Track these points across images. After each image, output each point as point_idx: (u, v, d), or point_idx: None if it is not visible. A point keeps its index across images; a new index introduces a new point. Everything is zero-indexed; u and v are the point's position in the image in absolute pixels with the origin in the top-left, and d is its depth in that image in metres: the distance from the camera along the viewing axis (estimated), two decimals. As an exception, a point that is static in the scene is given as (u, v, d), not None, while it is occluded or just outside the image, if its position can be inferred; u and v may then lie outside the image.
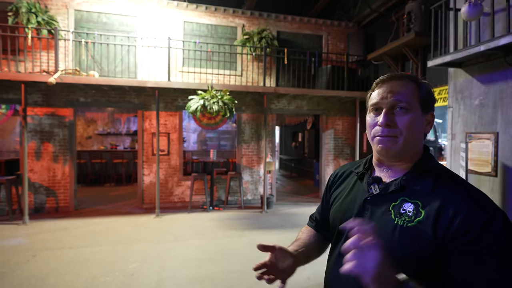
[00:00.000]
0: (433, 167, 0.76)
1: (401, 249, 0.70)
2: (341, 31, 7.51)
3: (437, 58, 3.59)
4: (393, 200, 0.75)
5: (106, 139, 9.86)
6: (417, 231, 0.69)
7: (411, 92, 0.76)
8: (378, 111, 0.79)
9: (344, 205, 0.86)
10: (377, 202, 0.78)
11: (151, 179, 6.45)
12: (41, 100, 5.93)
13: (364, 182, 0.83)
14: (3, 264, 3.54)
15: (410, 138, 0.75)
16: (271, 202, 6.52)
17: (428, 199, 0.71)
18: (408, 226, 0.70)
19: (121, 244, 4.27)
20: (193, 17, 6.68)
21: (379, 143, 0.77)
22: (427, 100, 0.78)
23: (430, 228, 0.68)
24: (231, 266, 3.61)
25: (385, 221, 0.74)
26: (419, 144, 0.79)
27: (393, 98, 0.76)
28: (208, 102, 5.31)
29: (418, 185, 0.74)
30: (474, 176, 3.46)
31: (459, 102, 3.82)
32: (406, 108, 0.75)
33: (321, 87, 6.82)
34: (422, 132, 0.78)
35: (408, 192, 0.74)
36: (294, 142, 12.29)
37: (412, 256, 0.69)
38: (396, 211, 0.73)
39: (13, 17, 5.47)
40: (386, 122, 0.75)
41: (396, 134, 0.75)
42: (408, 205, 0.73)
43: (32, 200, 5.87)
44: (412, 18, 5.02)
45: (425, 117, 0.78)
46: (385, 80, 0.79)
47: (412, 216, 0.71)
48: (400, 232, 0.71)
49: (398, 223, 0.72)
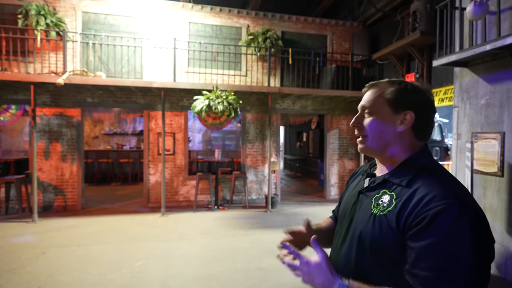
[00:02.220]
0: (418, 164, 0.80)
1: (373, 236, 0.78)
2: (346, 31, 7.49)
3: (443, 57, 3.57)
4: (377, 192, 0.84)
5: (113, 139, 9.99)
6: (385, 220, 0.76)
7: (376, 97, 0.85)
8: None
9: (348, 197, 0.97)
10: (366, 194, 0.88)
11: (156, 179, 6.52)
12: (49, 100, 6.04)
13: (363, 178, 0.94)
14: (13, 261, 3.63)
15: (375, 137, 0.84)
16: (275, 201, 6.54)
17: (402, 192, 0.77)
18: (380, 215, 0.78)
19: (128, 242, 4.33)
20: (198, 17, 6.73)
21: (358, 143, 0.90)
22: (398, 101, 0.82)
23: (394, 217, 0.74)
24: (236, 265, 3.64)
25: (365, 211, 0.83)
26: (397, 142, 0.83)
27: (361, 104, 0.89)
28: (213, 102, 5.35)
29: (398, 179, 0.80)
30: (480, 176, 3.44)
31: (465, 101, 3.80)
32: (370, 112, 0.86)
33: (325, 87, 6.82)
34: (394, 131, 0.83)
35: (389, 186, 0.82)
36: (298, 142, 12.28)
37: (382, 243, 0.76)
38: (375, 202, 0.82)
39: (23, 20, 5.59)
40: (352, 123, 0.89)
41: (364, 134, 0.86)
42: (386, 197, 0.80)
43: (41, 199, 5.99)
44: (418, 18, 5.00)
45: (397, 116, 0.82)
46: (365, 88, 0.91)
47: (385, 207, 0.78)
48: (373, 220, 0.79)
49: (373, 212, 0.80)
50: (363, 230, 0.81)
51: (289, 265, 0.85)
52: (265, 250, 4.04)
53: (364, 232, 0.80)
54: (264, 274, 3.41)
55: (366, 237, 0.79)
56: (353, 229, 0.86)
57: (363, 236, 0.80)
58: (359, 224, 0.83)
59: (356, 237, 0.83)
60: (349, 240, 0.86)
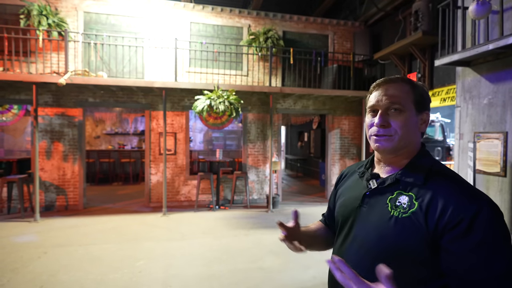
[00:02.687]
0: (427, 162, 0.82)
1: (397, 239, 0.75)
2: (347, 31, 7.47)
3: (445, 57, 3.56)
4: (390, 193, 0.81)
5: (114, 138, 10.01)
6: (411, 221, 0.74)
7: (405, 94, 0.82)
8: (374, 112, 0.85)
9: (347, 200, 0.92)
10: (375, 196, 0.84)
11: (158, 178, 6.53)
12: (51, 100, 6.06)
13: (364, 179, 0.90)
14: (16, 260, 3.64)
15: (404, 137, 0.81)
16: (277, 201, 6.53)
17: (421, 191, 0.76)
18: (403, 217, 0.75)
19: (129, 242, 4.34)
20: (200, 17, 6.73)
21: (376, 142, 0.83)
22: (421, 100, 0.83)
23: (422, 219, 0.73)
24: (237, 264, 3.64)
25: (382, 213, 0.80)
26: (415, 142, 0.84)
27: (388, 101, 0.82)
28: (215, 102, 5.35)
29: (412, 178, 0.79)
30: (483, 176, 3.42)
31: (467, 101, 3.78)
32: (400, 109, 0.81)
33: (327, 86, 6.81)
34: (417, 130, 0.84)
35: (403, 186, 0.80)
36: (300, 142, 12.27)
37: (407, 245, 0.74)
38: (392, 203, 0.79)
39: (25, 20, 5.60)
40: (381, 123, 0.82)
41: (390, 133, 0.81)
42: (403, 197, 0.78)
43: (43, 198, 6.00)
44: (420, 17, 4.98)
45: (420, 116, 0.84)
46: (381, 84, 0.85)
47: (406, 208, 0.76)
48: (395, 222, 0.76)
49: (394, 214, 0.77)
50: (383, 234, 0.77)
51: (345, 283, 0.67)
52: (267, 250, 4.04)
53: (384, 235, 0.77)
54: (266, 274, 3.40)
55: (388, 241, 0.76)
56: (364, 234, 0.82)
57: (384, 240, 0.77)
58: (375, 227, 0.79)
59: (374, 241, 0.79)
60: (360, 245, 0.82)
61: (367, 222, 0.83)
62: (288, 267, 3.57)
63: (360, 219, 0.85)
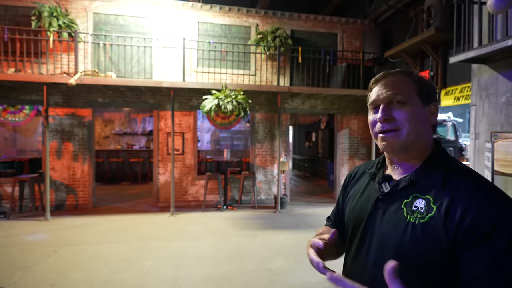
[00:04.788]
0: (444, 161, 0.74)
1: (414, 246, 0.69)
2: (357, 29, 7.36)
3: (460, 54, 3.45)
4: (404, 197, 0.74)
5: (123, 138, 10.10)
6: (428, 227, 0.68)
7: (407, 85, 0.76)
8: (377, 108, 0.79)
9: (358, 205, 0.85)
10: (388, 200, 0.77)
11: (166, 178, 6.54)
12: (61, 101, 6.13)
13: (376, 182, 0.82)
14: (27, 258, 3.68)
15: (412, 130, 0.74)
16: (285, 202, 6.47)
17: (439, 195, 0.70)
18: (420, 223, 0.69)
19: (138, 242, 4.35)
20: (207, 17, 6.72)
21: (383, 141, 0.77)
22: (426, 91, 0.77)
23: (441, 224, 0.66)
24: (246, 265, 3.60)
25: (397, 219, 0.73)
26: (426, 137, 0.77)
27: (389, 93, 0.76)
28: (222, 101, 5.32)
29: (429, 180, 0.72)
30: (500, 178, 3.30)
31: (483, 99, 3.66)
32: (403, 102, 0.75)
33: (336, 85, 6.71)
34: (426, 123, 0.77)
35: (419, 188, 0.73)
36: (307, 142, 12.17)
37: (425, 252, 0.68)
38: (408, 208, 0.72)
39: (36, 21, 5.69)
40: (384, 117, 0.75)
41: (396, 127, 0.74)
42: (420, 201, 0.71)
43: (53, 198, 6.08)
44: (432, 13, 4.85)
45: (427, 108, 0.77)
46: (380, 78, 0.79)
47: (424, 213, 0.70)
48: (412, 229, 0.70)
49: (410, 220, 0.71)
50: (399, 242, 0.70)
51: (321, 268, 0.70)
52: (275, 251, 3.99)
53: (401, 243, 0.70)
54: (275, 275, 3.35)
55: (405, 249, 0.69)
56: (379, 242, 0.75)
57: (401, 248, 0.70)
58: (391, 235, 0.73)
59: (391, 250, 0.72)
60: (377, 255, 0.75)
61: (381, 229, 0.76)
62: (297, 268, 3.51)
63: (374, 227, 0.78)
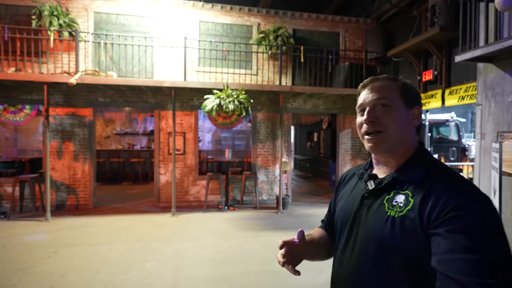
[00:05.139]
0: (425, 160, 0.80)
1: (393, 238, 0.74)
2: (359, 28, 7.30)
3: (466, 52, 3.39)
4: (387, 193, 0.80)
5: (124, 138, 10.07)
6: (406, 219, 0.73)
7: (391, 89, 0.82)
8: (364, 111, 0.84)
9: (346, 203, 0.91)
10: (373, 197, 0.82)
11: (167, 178, 6.50)
12: (62, 100, 6.10)
13: (363, 181, 0.88)
14: (26, 260, 3.64)
15: (396, 132, 0.80)
16: (286, 202, 6.42)
17: (417, 189, 0.75)
18: (399, 216, 0.74)
19: (138, 242, 4.30)
20: (209, 16, 6.68)
21: (369, 142, 0.83)
22: (409, 95, 0.83)
23: (417, 215, 0.71)
24: (248, 267, 3.55)
25: (380, 214, 0.78)
26: (410, 138, 0.82)
27: (374, 97, 0.82)
28: (224, 101, 5.28)
29: (409, 177, 0.78)
30: (508, 178, 3.24)
31: (489, 99, 3.60)
32: (387, 105, 0.80)
33: (338, 85, 6.65)
34: (410, 125, 0.82)
35: (400, 185, 0.78)
36: (309, 142, 12.10)
37: (403, 243, 0.72)
38: (389, 203, 0.78)
39: (37, 20, 5.65)
40: (369, 119, 0.81)
41: (381, 128, 0.80)
42: (400, 196, 0.77)
43: (54, 198, 6.05)
44: (437, 12, 4.79)
45: (411, 111, 0.82)
46: (367, 83, 0.86)
47: (402, 207, 0.75)
48: (392, 222, 0.74)
49: (390, 214, 0.76)
50: (380, 235, 0.76)
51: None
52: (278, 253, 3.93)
53: (382, 236, 0.76)
54: (277, 278, 3.30)
55: (385, 242, 0.75)
56: (363, 237, 0.81)
57: (381, 241, 0.76)
58: (373, 229, 0.78)
59: (373, 243, 0.77)
60: (361, 248, 0.81)
61: (366, 224, 0.81)
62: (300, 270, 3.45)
63: (359, 222, 0.83)
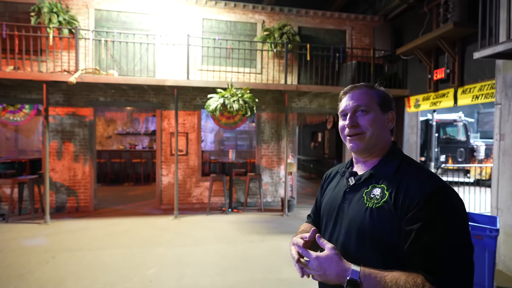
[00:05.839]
0: (397, 157, 0.92)
1: (372, 228, 0.83)
2: (366, 25, 7.11)
3: (486, 48, 3.20)
4: (365, 187, 0.91)
5: (125, 138, 9.93)
6: (383, 210, 0.83)
7: (369, 97, 0.93)
8: (345, 116, 0.96)
9: (330, 199, 1.02)
10: (353, 192, 0.93)
11: (169, 180, 6.34)
12: (62, 100, 5.95)
13: (345, 178, 0.99)
14: (23, 265, 3.49)
15: (374, 134, 0.91)
16: (292, 205, 6.24)
17: (391, 183, 0.86)
18: (376, 207, 0.84)
19: (140, 247, 4.14)
20: (212, 13, 6.51)
21: (350, 142, 0.94)
22: (384, 102, 0.95)
23: (392, 206, 0.81)
24: (254, 274, 3.38)
25: (359, 206, 0.89)
26: (385, 139, 0.94)
27: (355, 104, 0.93)
28: (228, 100, 5.11)
29: (384, 172, 0.89)
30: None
31: (509, 98, 3.40)
32: (366, 110, 0.92)
33: (345, 84, 6.46)
34: (385, 128, 0.95)
35: (377, 179, 0.90)
36: (313, 142, 11.92)
37: (380, 231, 0.82)
38: (367, 196, 0.88)
39: (36, 17, 5.51)
40: (351, 123, 0.93)
41: (361, 131, 0.91)
42: (376, 190, 0.87)
43: (53, 200, 5.90)
44: (450, 7, 4.60)
45: (386, 115, 0.95)
46: (348, 91, 0.97)
47: (379, 199, 0.85)
48: (370, 213, 0.84)
49: (368, 205, 0.86)
50: (360, 225, 0.86)
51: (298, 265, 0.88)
52: (285, 259, 3.76)
53: (362, 226, 0.85)
54: (286, 286, 3.13)
55: (365, 231, 0.84)
56: (346, 226, 0.90)
57: (362, 230, 0.85)
58: (354, 220, 0.88)
59: (354, 232, 0.87)
60: (344, 237, 0.90)
61: (348, 216, 0.91)
62: (309, 279, 3.27)
63: (342, 214, 0.93)
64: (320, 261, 0.82)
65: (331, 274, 0.80)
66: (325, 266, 0.81)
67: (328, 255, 0.82)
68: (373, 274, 0.76)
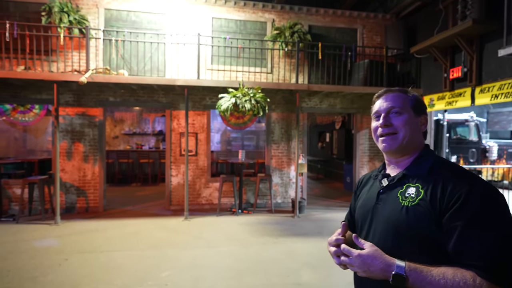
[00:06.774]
0: (430, 157, 0.93)
1: (409, 225, 0.85)
2: (378, 24, 6.99)
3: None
4: (399, 187, 0.92)
5: (132, 139, 9.91)
6: (419, 207, 0.84)
7: (402, 99, 0.96)
8: (378, 117, 0.98)
9: (364, 201, 1.04)
10: (387, 192, 0.95)
11: (178, 180, 6.29)
12: (72, 100, 5.93)
13: (378, 180, 1.01)
14: (35, 267, 3.44)
15: (407, 134, 0.92)
16: (303, 206, 6.14)
17: (426, 181, 0.87)
18: (412, 205, 0.86)
19: (152, 249, 4.08)
20: (222, 13, 6.45)
21: (383, 142, 0.96)
22: (417, 105, 0.97)
23: (428, 203, 0.83)
24: (271, 278, 3.29)
25: (395, 205, 0.90)
26: (418, 141, 0.96)
27: (389, 105, 0.96)
28: (240, 100, 5.03)
29: (418, 172, 0.91)
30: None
31: (535, 96, 3.28)
32: (399, 112, 0.94)
33: (357, 83, 6.35)
34: (419, 130, 0.96)
35: (410, 179, 0.91)
36: (320, 143, 11.80)
37: (417, 227, 0.83)
38: (402, 196, 0.90)
39: (46, 17, 5.49)
40: (384, 123, 0.95)
41: (394, 131, 0.93)
42: (411, 189, 0.89)
43: (63, 200, 5.88)
44: (469, 4, 4.47)
45: (419, 119, 0.96)
46: (382, 94, 1.00)
47: (414, 197, 0.86)
48: (406, 211, 0.86)
49: (404, 204, 0.87)
50: (396, 223, 0.87)
51: (343, 261, 0.88)
52: (301, 262, 3.67)
53: (398, 224, 0.87)
54: (304, 291, 3.04)
55: (401, 228, 0.86)
56: (381, 226, 0.92)
57: (398, 228, 0.86)
58: (389, 219, 0.90)
59: (391, 231, 0.88)
60: (380, 237, 0.91)
61: (382, 216, 0.92)
62: (329, 283, 3.19)
63: (377, 215, 0.94)
64: (363, 258, 0.83)
65: (376, 270, 0.81)
66: (369, 263, 0.82)
67: (370, 252, 0.83)
68: (418, 268, 0.77)
